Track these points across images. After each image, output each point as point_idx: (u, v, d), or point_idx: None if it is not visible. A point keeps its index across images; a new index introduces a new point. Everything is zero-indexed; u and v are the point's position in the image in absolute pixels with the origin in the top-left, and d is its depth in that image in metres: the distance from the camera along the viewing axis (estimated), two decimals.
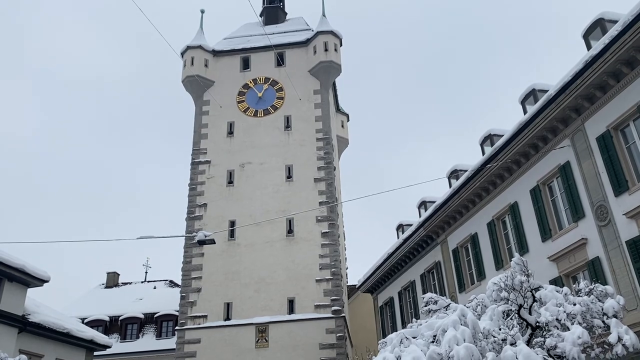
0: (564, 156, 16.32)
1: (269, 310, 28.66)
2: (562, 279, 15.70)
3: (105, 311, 36.11)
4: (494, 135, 21.30)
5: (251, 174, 32.35)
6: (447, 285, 22.57)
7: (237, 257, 30.10)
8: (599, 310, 10.42)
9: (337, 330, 28.09)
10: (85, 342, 22.76)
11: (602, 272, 14.34)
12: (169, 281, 40.63)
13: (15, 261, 19.42)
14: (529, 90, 19.54)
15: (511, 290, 10.79)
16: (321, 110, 33.79)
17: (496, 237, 19.53)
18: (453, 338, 9.48)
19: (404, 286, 26.73)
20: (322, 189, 31.55)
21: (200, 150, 33.47)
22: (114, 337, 32.83)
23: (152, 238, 16.14)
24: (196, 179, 32.66)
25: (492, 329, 10.55)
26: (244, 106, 34.49)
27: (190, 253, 30.63)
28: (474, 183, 20.18)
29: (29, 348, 19.75)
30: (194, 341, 28.44)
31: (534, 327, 10.75)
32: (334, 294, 28.97)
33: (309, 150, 32.65)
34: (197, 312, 29.17)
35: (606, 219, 14.48)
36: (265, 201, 31.20)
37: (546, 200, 17.16)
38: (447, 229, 22.83)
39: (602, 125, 15.00)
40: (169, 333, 34.02)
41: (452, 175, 24.16)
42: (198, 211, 31.60)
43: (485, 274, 19.64)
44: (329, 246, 30.13)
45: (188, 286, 29.92)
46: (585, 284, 11.36)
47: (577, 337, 9.65)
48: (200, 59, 35.40)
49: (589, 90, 15.06)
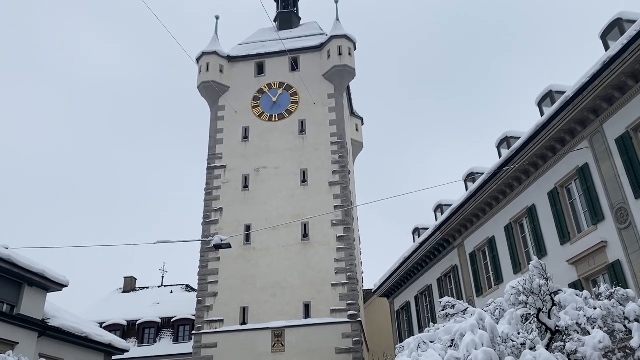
0: (582, 158, 16.12)
1: (285, 315, 28.68)
2: (582, 282, 15.48)
3: (122, 316, 36.44)
4: (511, 137, 21.13)
5: (266, 178, 32.47)
6: (464, 289, 22.38)
7: (252, 262, 30.20)
8: (620, 315, 10.25)
9: (354, 334, 27.99)
10: (103, 346, 22.99)
11: (622, 275, 14.11)
12: (185, 285, 40.88)
13: (35, 266, 19.71)
14: (546, 91, 19.35)
15: (530, 294, 10.66)
16: (335, 114, 33.83)
17: (514, 240, 19.33)
18: (471, 342, 9.41)
19: (421, 290, 26.57)
20: (337, 193, 31.54)
21: (215, 155, 33.69)
22: (131, 342, 33.06)
23: (169, 243, 16.32)
24: (212, 183, 32.87)
25: (511, 333, 10.43)
26: (258, 111, 34.67)
27: (206, 257, 30.81)
28: (491, 186, 20.02)
29: (49, 352, 19.99)
30: (210, 345, 28.55)
31: (554, 331, 10.60)
32: (350, 298, 28.88)
33: (324, 154, 32.69)
34: (213, 317, 29.30)
35: (626, 222, 14.26)
36: (281, 205, 31.28)
37: (564, 203, 16.95)
38: (463, 233, 22.66)
39: (621, 127, 14.79)
40: (186, 337, 34.21)
41: (469, 178, 23.99)
42: (214, 215, 31.78)
43: (503, 277, 19.44)
44: (345, 250, 30.08)
45: (204, 290, 30.07)
46: (606, 287, 11.19)
47: (598, 342, 9.50)
48: (215, 64, 35.69)
49: (608, 91, 14.87)
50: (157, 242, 16.18)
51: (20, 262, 19.05)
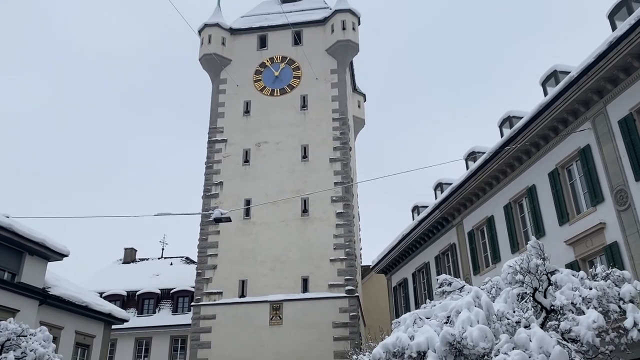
0: (585, 139, 16.04)
1: (284, 289, 28.98)
2: (579, 263, 15.57)
3: (122, 286, 36.83)
4: (513, 117, 20.99)
5: (267, 153, 32.43)
6: (461, 267, 22.54)
7: (252, 236, 30.39)
8: (616, 295, 10.33)
9: (351, 309, 28.33)
10: (103, 315, 23.29)
11: (619, 257, 14.18)
12: (185, 258, 41.20)
13: (36, 235, 19.83)
14: (551, 71, 19.15)
15: (526, 273, 10.75)
16: (338, 90, 33.61)
17: (512, 220, 19.39)
18: (467, 319, 9.52)
19: (418, 267, 26.76)
20: (338, 169, 31.54)
21: (216, 128, 33.58)
22: (131, 312, 33.48)
23: (169, 215, 16.35)
24: (212, 157, 32.86)
25: (506, 311, 10.54)
26: (260, 85, 34.43)
27: (206, 231, 30.99)
28: (492, 165, 19.98)
29: (49, 320, 20.26)
30: (209, 317, 28.93)
31: (549, 310, 10.71)
32: (348, 273, 29.14)
33: (325, 130, 32.58)
34: (212, 289, 29.62)
35: (626, 204, 14.27)
36: (281, 180, 31.31)
37: (564, 184, 16.94)
38: (463, 212, 22.71)
39: (624, 109, 14.68)
40: (185, 309, 34.63)
41: (470, 157, 23.93)
42: (214, 189, 31.85)
43: (501, 257, 19.55)
44: (344, 226, 30.23)
45: (204, 263, 30.34)
46: (602, 268, 11.25)
47: (592, 322, 9.60)
48: (217, 37, 35.30)
49: (613, 72, 14.71)
50: (158, 215, 16.23)
51: (21, 230, 19.16)
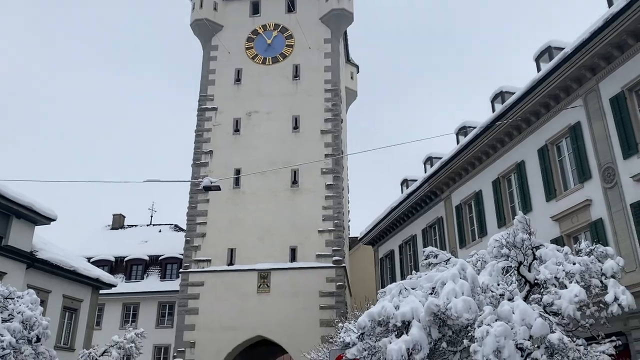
0: (575, 116, 16.08)
1: (272, 258, 29.19)
2: (564, 238, 15.80)
3: (110, 252, 36.84)
4: (506, 92, 20.94)
5: (258, 122, 32.20)
6: (448, 240, 22.78)
7: (241, 205, 30.41)
8: (598, 271, 10.52)
9: (337, 279, 28.68)
10: (91, 280, 23.33)
11: (604, 233, 14.39)
12: (174, 225, 41.20)
13: (23, 199, 19.66)
14: (545, 47, 19.02)
15: (512, 248, 10.87)
16: (331, 60, 33.25)
17: (500, 195, 19.54)
18: (452, 291, 9.65)
19: (405, 240, 27.02)
20: (329, 141, 31.45)
21: (207, 96, 33.20)
22: (119, 277, 33.60)
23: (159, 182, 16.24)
24: (202, 125, 32.58)
25: (491, 284, 10.72)
26: (252, 53, 33.94)
27: (195, 199, 30.95)
28: (482, 140, 20.02)
29: (37, 283, 20.25)
30: (197, 284, 29.15)
31: (532, 284, 10.89)
32: (336, 244, 29.39)
33: (317, 101, 32.33)
34: (201, 256, 29.76)
35: (612, 181, 14.41)
36: (271, 151, 31.19)
37: (553, 160, 17.05)
38: (451, 186, 22.84)
39: (616, 86, 14.69)
40: (173, 275, 34.80)
41: (461, 131, 23.94)
42: (204, 158, 31.69)
43: (487, 231, 19.77)
44: (333, 198, 30.33)
45: (193, 231, 30.39)
46: (587, 244, 11.42)
47: (574, 295, 9.77)
48: (209, 1, 34.59)
49: (607, 49, 14.66)
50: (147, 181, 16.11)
51: (8, 194, 18.98)
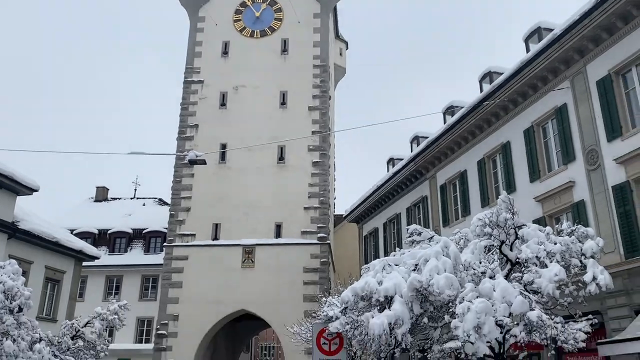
0: (562, 98, 16.16)
1: (257, 233, 29.23)
2: (546, 219, 16.01)
3: (94, 224, 36.59)
4: (494, 72, 20.95)
5: (244, 97, 31.88)
6: (431, 219, 22.98)
7: (227, 180, 30.27)
8: (578, 251, 10.70)
9: (322, 255, 28.87)
10: (74, 252, 23.16)
11: (585, 214, 14.61)
12: (158, 199, 40.98)
13: (4, 168, 19.33)
14: (534, 28, 19.00)
15: (495, 227, 11.00)
16: (320, 36, 32.89)
17: (485, 175, 19.69)
18: (434, 268, 9.77)
19: (390, 218, 27.21)
20: (316, 118, 31.30)
21: (193, 69, 32.73)
22: (102, 250, 33.44)
23: (143, 154, 16.08)
24: (188, 98, 32.18)
25: (473, 262, 10.86)
26: (240, 25, 33.42)
27: (180, 173, 30.74)
28: (469, 120, 20.08)
29: (19, 254, 20.05)
30: (181, 257, 29.15)
31: (514, 262, 11.06)
32: (321, 221, 29.49)
33: (305, 77, 32.05)
34: (185, 231, 29.69)
35: (596, 164, 14.58)
36: (258, 126, 30.95)
37: (539, 142, 17.17)
38: (437, 165, 22.95)
39: (603, 69, 14.75)
40: (157, 249, 34.74)
41: (448, 111, 23.96)
42: (189, 131, 31.38)
43: (471, 210, 19.96)
44: (319, 175, 30.33)
45: (177, 205, 30.25)
46: (568, 225, 11.59)
47: (554, 275, 9.96)
48: None
49: (596, 31, 14.68)
50: (131, 153, 15.92)
51: None
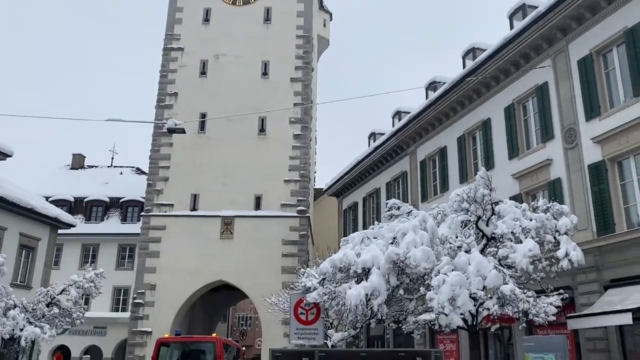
0: (543, 76, 16.23)
1: (236, 205, 29.12)
2: (523, 196, 16.24)
3: (70, 192, 36.02)
4: (477, 49, 20.90)
5: (225, 66, 31.35)
6: (410, 194, 23.15)
7: (206, 150, 29.93)
8: (553, 227, 10.92)
9: (301, 228, 28.96)
10: (49, 219, 22.86)
11: (561, 192, 14.85)
12: (135, 168, 40.45)
13: None
14: (519, 5, 18.94)
15: (472, 202, 11.13)
16: (304, 5, 32.36)
17: (464, 151, 19.82)
18: (412, 241, 9.87)
19: (369, 192, 27.34)
20: (298, 90, 31.00)
21: (173, 35, 31.99)
22: (78, 218, 32.99)
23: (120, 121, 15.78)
24: (168, 66, 31.52)
25: (450, 236, 11.01)
26: None
27: (158, 142, 30.31)
28: (451, 96, 20.09)
29: None
30: (159, 227, 28.95)
31: (489, 238, 11.24)
32: (301, 194, 29.50)
33: (288, 48, 31.60)
34: (163, 200, 29.43)
35: (573, 142, 14.76)
36: (239, 96, 30.52)
37: (519, 119, 17.30)
38: (418, 140, 23.01)
39: (585, 48, 14.82)
40: (134, 218, 34.42)
41: (430, 86, 23.93)
42: (168, 100, 30.84)
43: (449, 186, 20.14)
44: (300, 148, 30.19)
45: (155, 174, 29.90)
46: (544, 202, 11.79)
47: (528, 250, 10.16)
48: None
49: (579, 10, 14.69)
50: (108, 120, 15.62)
51: None
